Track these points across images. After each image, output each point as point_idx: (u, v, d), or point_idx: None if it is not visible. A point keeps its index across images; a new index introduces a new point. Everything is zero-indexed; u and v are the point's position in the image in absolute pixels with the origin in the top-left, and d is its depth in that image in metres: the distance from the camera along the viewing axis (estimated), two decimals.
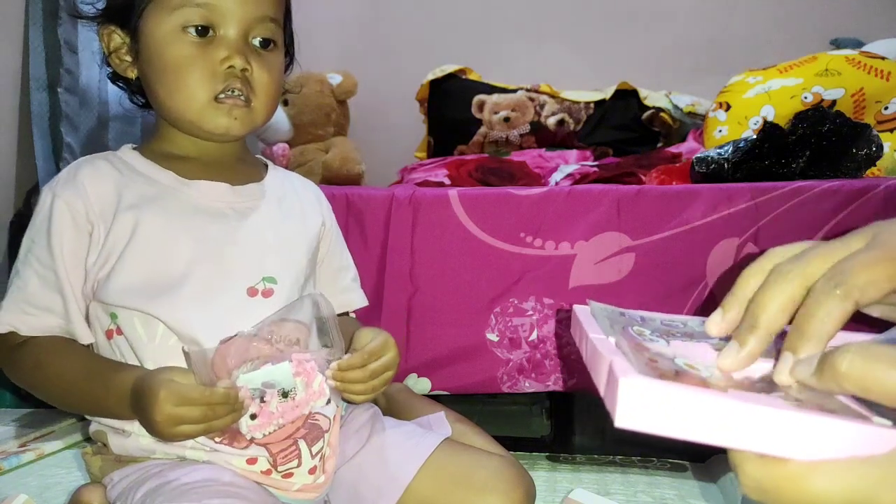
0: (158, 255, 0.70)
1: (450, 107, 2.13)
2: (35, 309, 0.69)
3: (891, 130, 1.47)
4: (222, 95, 0.71)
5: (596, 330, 0.44)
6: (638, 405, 0.32)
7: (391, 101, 2.27)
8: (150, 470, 0.68)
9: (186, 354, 0.65)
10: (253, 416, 0.66)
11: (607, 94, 2.07)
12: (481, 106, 2.06)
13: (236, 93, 0.71)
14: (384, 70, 2.26)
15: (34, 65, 1.88)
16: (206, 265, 0.70)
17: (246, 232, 0.74)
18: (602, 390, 0.35)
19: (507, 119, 2.03)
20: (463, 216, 1.17)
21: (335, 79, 2.11)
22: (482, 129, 2.05)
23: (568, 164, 1.67)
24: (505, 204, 1.17)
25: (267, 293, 0.73)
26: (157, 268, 0.69)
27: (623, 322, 0.50)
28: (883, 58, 1.53)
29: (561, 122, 2.03)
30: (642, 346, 0.41)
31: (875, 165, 1.31)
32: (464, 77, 2.16)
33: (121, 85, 0.80)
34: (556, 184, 1.45)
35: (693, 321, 0.54)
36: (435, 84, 2.15)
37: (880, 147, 1.24)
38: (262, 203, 0.77)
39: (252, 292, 0.72)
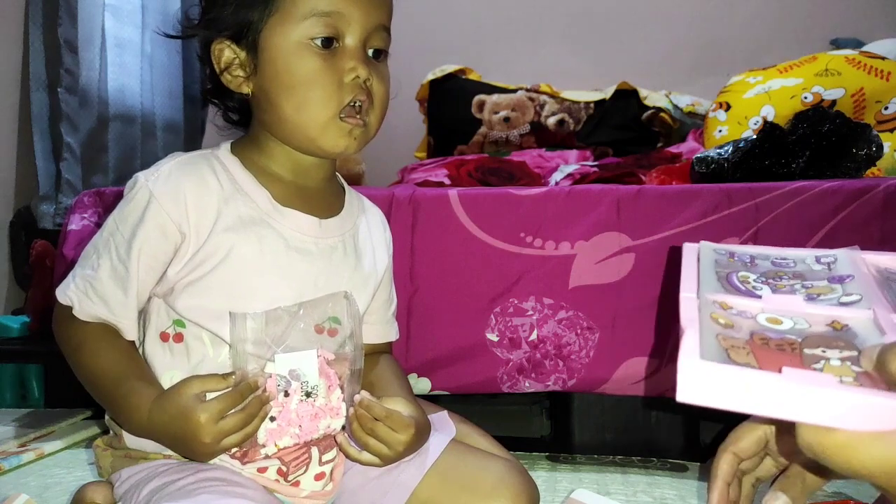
0: (245, 288, 0.71)
1: (450, 107, 2.13)
2: (95, 295, 0.70)
3: (891, 130, 1.48)
4: (343, 114, 0.71)
5: (690, 285, 0.48)
6: (695, 383, 0.37)
7: (391, 101, 2.27)
8: (157, 469, 0.69)
9: (232, 316, 0.68)
10: (272, 419, 0.66)
11: (607, 94, 2.07)
12: (481, 106, 2.06)
13: (358, 105, 0.71)
14: None
15: (34, 65, 1.88)
16: (286, 303, 0.72)
17: (325, 273, 0.75)
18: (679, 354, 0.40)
19: (507, 119, 2.03)
20: (463, 216, 1.17)
21: None
22: (482, 129, 2.06)
23: (568, 164, 1.67)
24: (505, 204, 1.17)
25: (332, 332, 0.74)
26: (241, 299, 0.70)
27: (731, 267, 0.52)
28: (883, 58, 1.53)
29: (561, 122, 2.03)
30: (727, 307, 0.46)
31: (875, 165, 1.31)
32: (464, 77, 2.16)
33: (216, 103, 0.79)
34: (556, 184, 1.45)
35: (806, 257, 0.55)
36: (435, 84, 2.15)
37: (880, 147, 1.24)
38: (342, 240, 0.78)
39: (318, 330, 0.73)
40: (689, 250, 0.55)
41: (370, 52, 0.73)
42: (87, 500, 0.75)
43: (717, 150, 1.32)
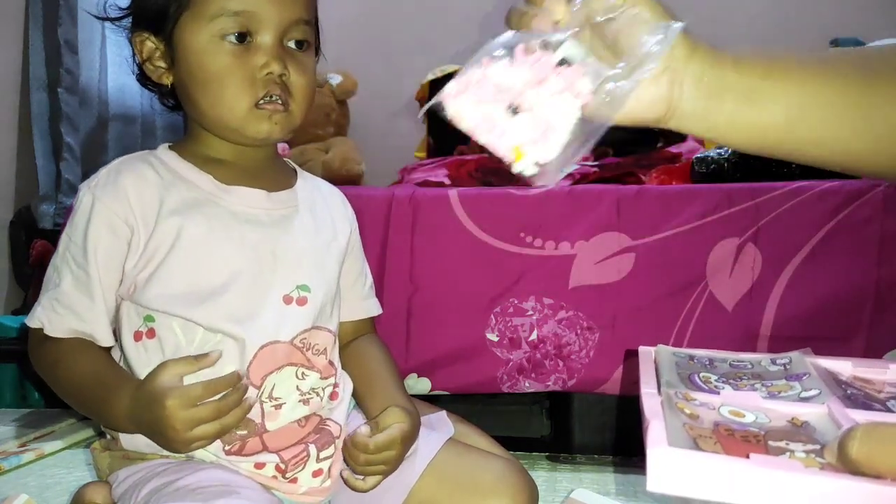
0: (202, 264, 0.70)
1: None
2: (63, 308, 0.70)
3: None
4: (262, 101, 0.71)
5: (650, 382, 0.49)
6: (666, 472, 0.37)
7: (391, 101, 2.27)
8: (155, 469, 0.69)
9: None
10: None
11: None
12: None
13: (275, 98, 0.71)
14: (384, 70, 2.26)
15: (34, 65, 1.88)
16: (247, 274, 0.72)
17: (283, 240, 0.75)
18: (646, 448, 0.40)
19: None
20: (463, 216, 1.17)
21: (335, 79, 2.11)
22: None
23: None
24: (505, 204, 1.17)
25: (301, 301, 0.74)
26: (201, 276, 0.70)
27: (691, 368, 0.54)
28: None
29: None
30: (690, 398, 0.47)
31: None
32: None
33: (150, 88, 0.79)
34: (556, 184, 1.45)
35: (762, 359, 0.57)
36: (435, 84, 2.14)
37: None
38: (296, 211, 0.78)
39: (287, 300, 0.73)
40: (646, 354, 0.57)
41: (291, 43, 0.73)
42: (86, 500, 0.75)
43: (717, 150, 1.32)
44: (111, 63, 2.09)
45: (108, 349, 0.73)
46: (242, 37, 0.70)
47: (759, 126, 0.50)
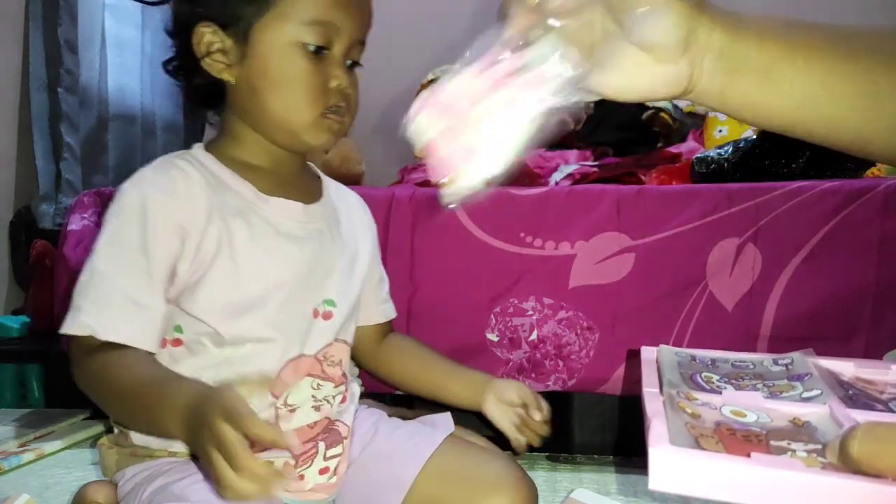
0: (242, 276, 0.70)
1: None
2: (118, 312, 0.65)
3: None
4: (327, 111, 0.72)
5: (651, 381, 0.50)
6: (667, 471, 0.37)
7: (391, 101, 2.27)
8: (161, 468, 0.69)
9: None
10: None
11: None
12: None
13: (338, 110, 0.73)
14: (384, 70, 2.26)
15: (34, 65, 1.88)
16: (282, 288, 0.72)
17: (315, 255, 0.75)
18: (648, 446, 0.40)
19: None
20: (463, 216, 1.17)
21: None
22: None
23: (568, 164, 1.67)
24: (505, 204, 1.17)
25: (327, 315, 0.75)
26: (240, 288, 0.70)
27: (693, 368, 0.55)
28: None
29: (561, 122, 2.03)
30: (692, 398, 0.47)
31: (875, 165, 1.31)
32: None
33: (180, 79, 0.78)
34: (556, 184, 1.45)
35: (764, 360, 0.57)
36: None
37: None
38: (328, 225, 0.79)
39: (315, 314, 0.74)
40: (648, 353, 0.58)
41: (348, 62, 0.75)
42: (88, 499, 0.75)
43: (717, 150, 1.33)
44: (111, 63, 2.10)
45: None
46: (320, 49, 0.71)
47: (775, 106, 0.49)
